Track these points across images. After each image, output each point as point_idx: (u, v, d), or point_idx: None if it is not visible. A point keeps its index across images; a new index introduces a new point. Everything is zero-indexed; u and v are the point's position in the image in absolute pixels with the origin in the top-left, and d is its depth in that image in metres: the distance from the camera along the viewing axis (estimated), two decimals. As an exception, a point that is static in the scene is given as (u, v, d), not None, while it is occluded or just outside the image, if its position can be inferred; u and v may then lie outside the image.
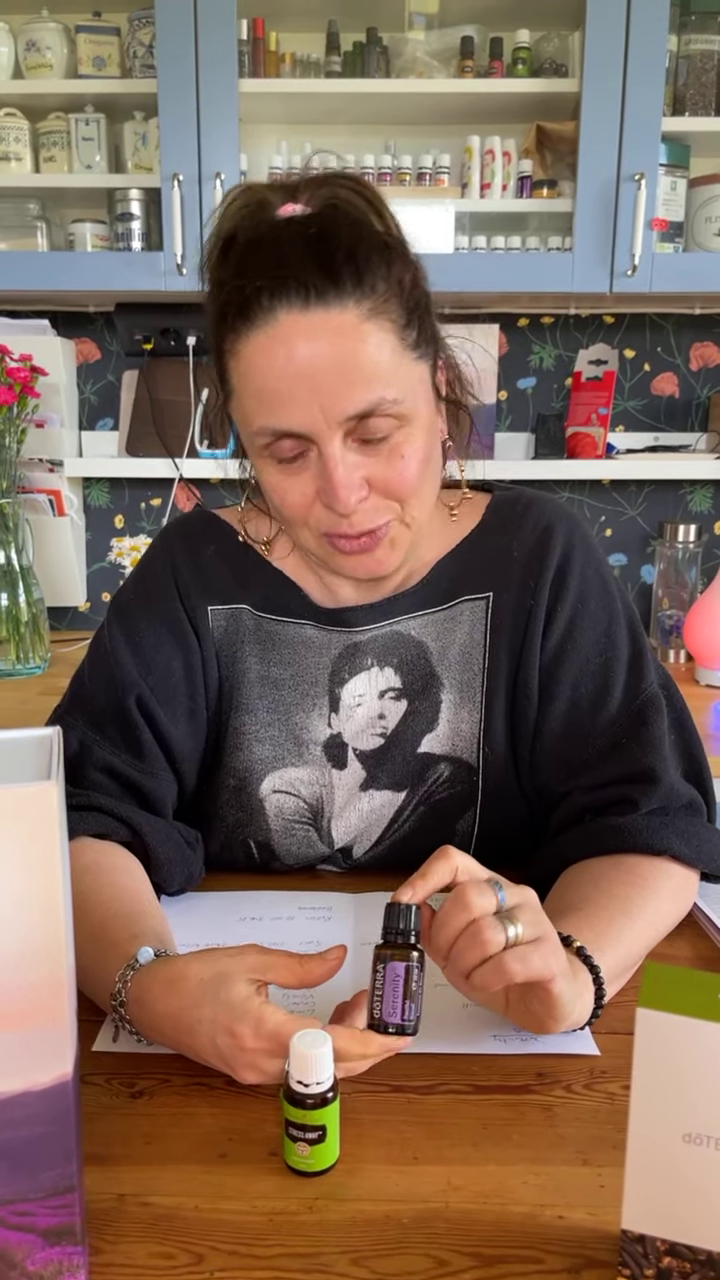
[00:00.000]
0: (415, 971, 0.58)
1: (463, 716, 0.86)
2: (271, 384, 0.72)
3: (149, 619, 0.87)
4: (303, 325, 0.70)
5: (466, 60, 1.74)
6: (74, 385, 2.01)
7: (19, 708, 1.53)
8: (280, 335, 0.70)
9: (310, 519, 0.77)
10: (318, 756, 0.87)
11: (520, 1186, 0.54)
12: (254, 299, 0.71)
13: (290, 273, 0.70)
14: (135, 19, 1.76)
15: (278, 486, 0.77)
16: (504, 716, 0.86)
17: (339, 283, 0.70)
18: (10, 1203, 0.46)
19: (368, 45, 1.76)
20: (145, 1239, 0.51)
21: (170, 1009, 0.60)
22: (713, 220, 1.75)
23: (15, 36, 1.78)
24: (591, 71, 1.63)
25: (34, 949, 0.43)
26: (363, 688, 0.87)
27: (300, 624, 0.88)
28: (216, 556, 0.89)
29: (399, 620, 0.87)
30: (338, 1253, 0.50)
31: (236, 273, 0.72)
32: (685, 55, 1.74)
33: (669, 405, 2.02)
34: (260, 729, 0.87)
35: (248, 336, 0.72)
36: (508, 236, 1.79)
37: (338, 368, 0.70)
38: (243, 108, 1.67)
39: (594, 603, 0.85)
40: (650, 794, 0.78)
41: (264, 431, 0.74)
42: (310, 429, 0.72)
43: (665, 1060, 0.45)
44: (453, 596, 0.87)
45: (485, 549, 0.87)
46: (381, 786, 0.87)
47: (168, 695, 0.86)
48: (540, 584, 0.84)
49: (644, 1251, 0.47)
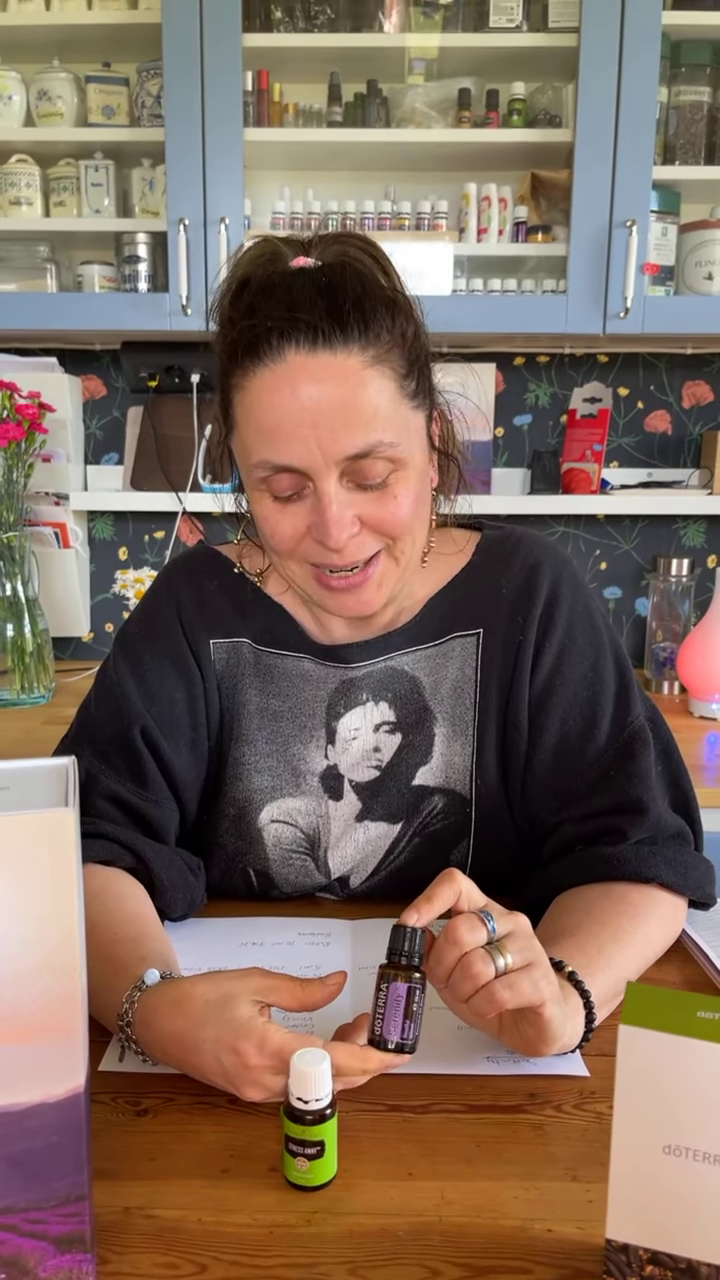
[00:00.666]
0: (417, 992, 0.61)
1: (455, 749, 0.88)
2: (274, 420, 0.74)
3: (153, 652, 0.90)
4: (309, 366, 0.73)
5: (464, 111, 1.80)
6: (80, 421, 2.05)
7: (24, 737, 1.56)
8: (286, 373, 0.74)
9: (298, 552, 0.80)
10: (314, 787, 0.89)
11: (511, 1201, 0.57)
12: (264, 338, 0.74)
13: (301, 315, 0.73)
14: (144, 70, 1.82)
15: (269, 519, 0.79)
16: (495, 749, 0.88)
17: (346, 329, 0.73)
18: (24, 1210, 0.48)
19: (368, 96, 1.82)
20: (151, 1250, 0.53)
21: (176, 1029, 0.63)
22: (703, 264, 1.80)
23: (28, 86, 1.84)
24: (584, 122, 1.68)
25: (50, 967, 0.46)
26: (358, 721, 0.89)
27: (299, 658, 0.91)
28: (218, 591, 0.92)
29: (392, 656, 0.90)
30: (335, 1263, 0.52)
31: (248, 313, 0.75)
32: (675, 106, 1.80)
33: (662, 442, 2.06)
34: (259, 760, 0.90)
35: (255, 373, 0.75)
36: (504, 279, 1.84)
37: (339, 409, 0.73)
38: (247, 155, 1.73)
39: (581, 638, 0.87)
40: (638, 824, 0.80)
41: (263, 465, 0.76)
42: (307, 465, 0.75)
43: (646, 1075, 0.47)
44: (444, 633, 0.90)
45: (475, 587, 0.90)
46: (377, 818, 0.89)
47: (171, 726, 0.88)
48: (528, 620, 0.87)
49: (628, 1260, 0.49)
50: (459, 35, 1.77)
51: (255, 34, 1.74)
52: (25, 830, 0.44)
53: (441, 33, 1.76)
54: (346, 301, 0.74)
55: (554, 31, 1.73)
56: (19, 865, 0.44)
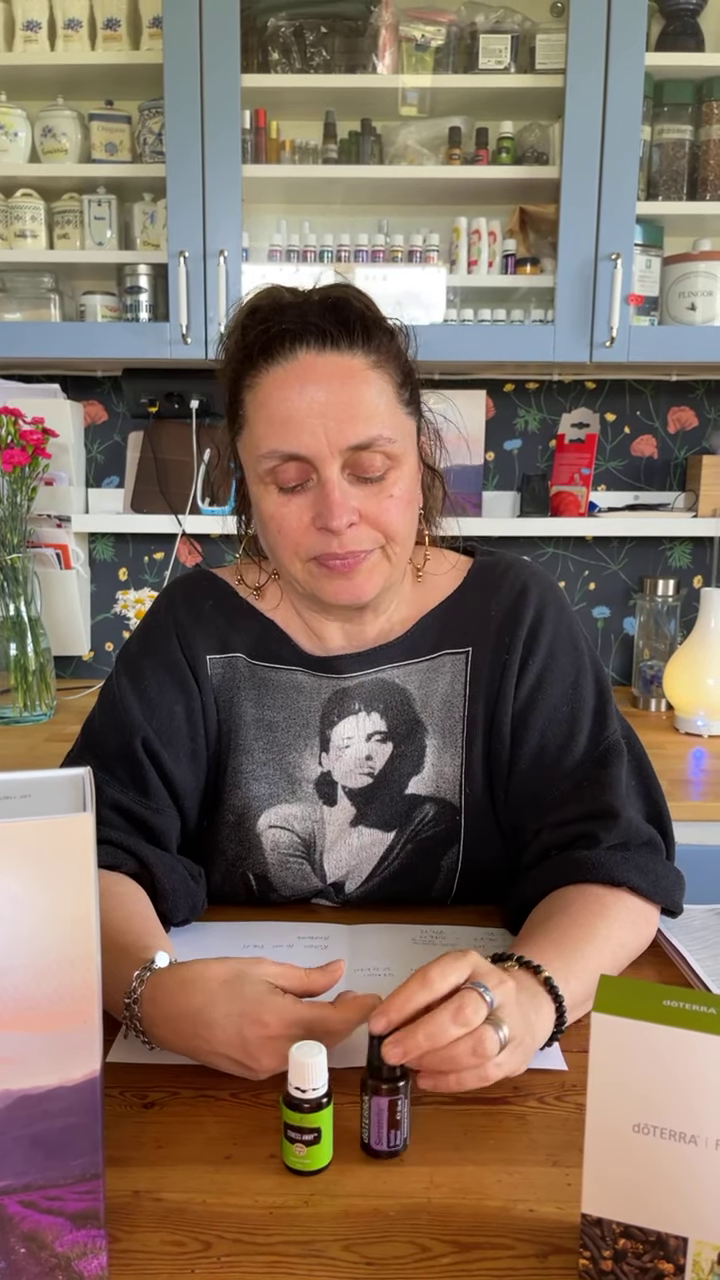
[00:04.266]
0: (399, 1103, 0.61)
1: (445, 760, 0.93)
2: (285, 411, 0.82)
3: (153, 668, 0.95)
4: (318, 364, 0.82)
5: (454, 148, 1.87)
6: (82, 445, 2.11)
7: (27, 753, 1.60)
8: (297, 370, 0.82)
9: (302, 546, 0.86)
10: (310, 794, 0.94)
11: (495, 1184, 0.60)
12: (279, 340, 0.83)
13: (312, 320, 0.83)
14: (145, 108, 1.88)
15: (276, 513, 0.85)
16: (482, 760, 0.93)
17: (351, 336, 0.83)
18: (43, 1188, 0.52)
19: (362, 134, 1.89)
20: (159, 1229, 0.57)
21: (190, 1006, 0.66)
22: (685, 295, 1.87)
23: (33, 123, 1.90)
24: (570, 159, 1.75)
25: (69, 959, 0.50)
26: (351, 730, 0.94)
27: (291, 670, 0.95)
28: (213, 610, 0.97)
29: (384, 669, 0.95)
30: (331, 1240, 0.56)
31: (264, 320, 0.85)
32: (658, 143, 1.86)
33: (648, 466, 2.12)
34: (257, 768, 0.94)
35: (268, 370, 0.83)
36: (494, 309, 1.90)
37: (344, 403, 0.82)
38: (245, 190, 1.78)
39: (564, 658, 0.92)
40: (611, 829, 0.85)
41: (272, 454, 0.83)
42: (314, 454, 0.82)
43: (617, 1060, 0.51)
44: (435, 649, 0.95)
45: (466, 608, 0.95)
46: (371, 824, 0.93)
47: (171, 737, 0.93)
48: (514, 639, 0.92)
49: (602, 1234, 0.53)
50: (450, 76, 1.83)
51: (253, 74, 1.80)
52: (47, 834, 0.49)
53: (433, 73, 1.83)
54: (351, 315, 0.84)
55: (541, 73, 1.80)
56: (41, 865, 0.49)
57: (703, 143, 1.85)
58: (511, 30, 1.81)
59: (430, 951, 0.86)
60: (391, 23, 1.82)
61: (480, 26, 1.82)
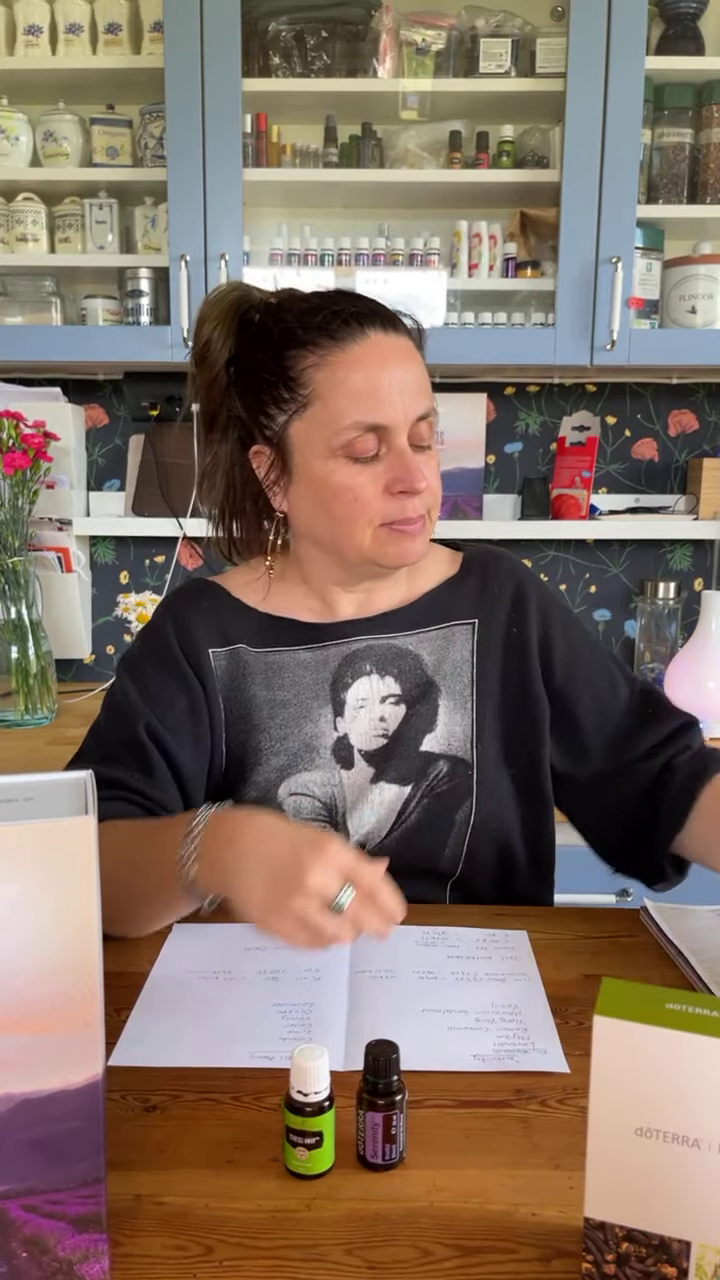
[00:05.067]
0: (395, 1118, 0.61)
1: (457, 720, 0.99)
2: (369, 385, 0.90)
3: (154, 667, 1.00)
4: (388, 344, 0.92)
5: (455, 152, 1.87)
6: (83, 448, 2.11)
7: (28, 756, 1.60)
8: (374, 348, 0.91)
9: (376, 513, 0.92)
10: (327, 760, 0.98)
11: (497, 1188, 0.60)
12: (342, 321, 0.91)
13: (371, 307, 0.93)
14: (146, 112, 1.88)
15: (352, 483, 0.91)
16: (497, 721, 1.00)
17: (399, 322, 0.95)
18: (45, 1192, 0.52)
19: (363, 138, 1.89)
20: (161, 1233, 0.57)
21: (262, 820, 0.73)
22: (686, 298, 1.87)
23: (34, 127, 1.91)
24: (571, 163, 1.75)
25: (71, 962, 0.50)
26: (365, 692, 0.99)
27: (294, 650, 1.00)
28: (209, 610, 1.02)
29: (396, 636, 1.01)
30: (333, 1244, 0.56)
31: (311, 302, 0.93)
32: (659, 147, 1.87)
33: (649, 469, 2.12)
34: (274, 744, 0.98)
35: (341, 349, 0.90)
36: (495, 312, 1.90)
37: (412, 378, 0.92)
38: (246, 194, 1.79)
39: (574, 628, 1.06)
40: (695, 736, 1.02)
41: (355, 426, 0.90)
42: (394, 423, 0.90)
43: (619, 1063, 0.51)
44: (445, 620, 1.03)
45: (469, 586, 1.05)
46: (390, 780, 0.97)
47: (173, 724, 0.97)
48: (524, 618, 1.03)
49: (604, 1238, 0.53)
50: (450, 80, 1.84)
51: (254, 79, 1.80)
52: (49, 837, 0.49)
53: (433, 77, 1.83)
54: (386, 306, 0.95)
55: (541, 76, 1.80)
56: (44, 868, 0.49)
57: (703, 146, 1.86)
58: (512, 34, 1.82)
59: (433, 953, 0.86)
60: (392, 27, 1.82)
61: (481, 30, 1.82)
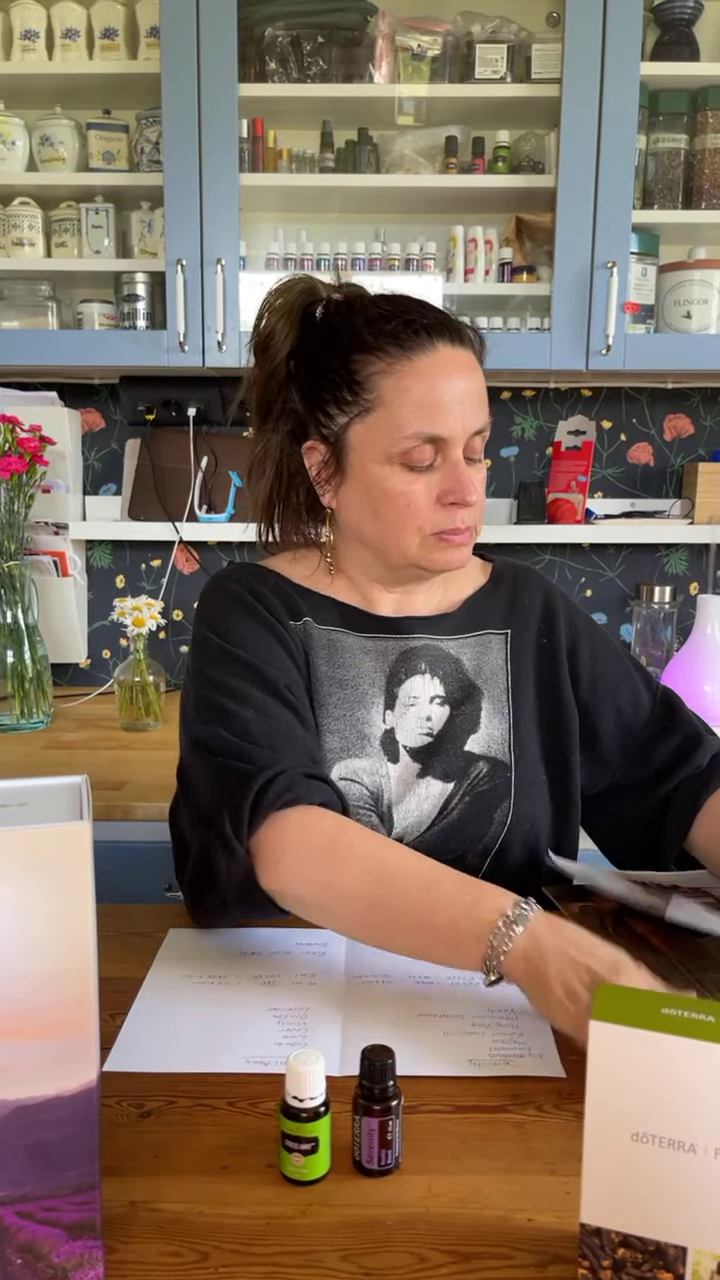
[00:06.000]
0: (390, 1123, 0.61)
1: (496, 723, 1.02)
2: (433, 396, 0.91)
3: (251, 631, 0.97)
4: (455, 357, 0.93)
5: (451, 158, 1.87)
6: (79, 453, 2.11)
7: (25, 760, 1.60)
8: (441, 360, 0.92)
9: (427, 521, 0.94)
10: (376, 749, 0.98)
11: (494, 1193, 0.60)
12: (414, 331, 0.92)
13: (440, 318, 0.94)
14: (143, 117, 1.89)
15: (406, 490, 0.93)
16: (535, 725, 1.03)
17: (465, 334, 0.96)
18: (39, 1198, 0.52)
19: (359, 143, 1.89)
20: (156, 1240, 0.57)
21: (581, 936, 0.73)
22: (681, 304, 1.87)
23: (30, 131, 1.91)
24: (566, 168, 1.76)
25: (66, 969, 0.50)
26: (417, 690, 1.01)
27: (356, 635, 1.02)
28: (273, 592, 1.01)
29: (440, 639, 1.04)
30: (329, 1250, 0.56)
31: (381, 308, 0.94)
32: (654, 153, 1.87)
33: (644, 473, 2.12)
34: (330, 722, 0.98)
35: (409, 359, 0.92)
36: (490, 317, 1.90)
37: (474, 392, 0.93)
38: (242, 199, 1.79)
39: (599, 640, 1.10)
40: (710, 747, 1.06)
41: (416, 436, 0.92)
42: (453, 435, 0.92)
43: (615, 1068, 0.51)
44: (481, 628, 1.06)
45: (499, 597, 1.08)
46: (436, 776, 0.98)
47: (296, 684, 0.97)
48: (553, 629, 1.07)
49: (601, 1244, 0.53)
50: (446, 86, 1.84)
51: (251, 84, 1.80)
52: (44, 842, 0.49)
53: (429, 83, 1.84)
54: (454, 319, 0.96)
55: (537, 82, 1.81)
56: (38, 874, 0.49)
57: (697, 152, 1.86)
58: (508, 40, 1.82)
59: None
60: (388, 32, 1.83)
61: (477, 36, 1.83)
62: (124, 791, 1.48)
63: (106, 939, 0.89)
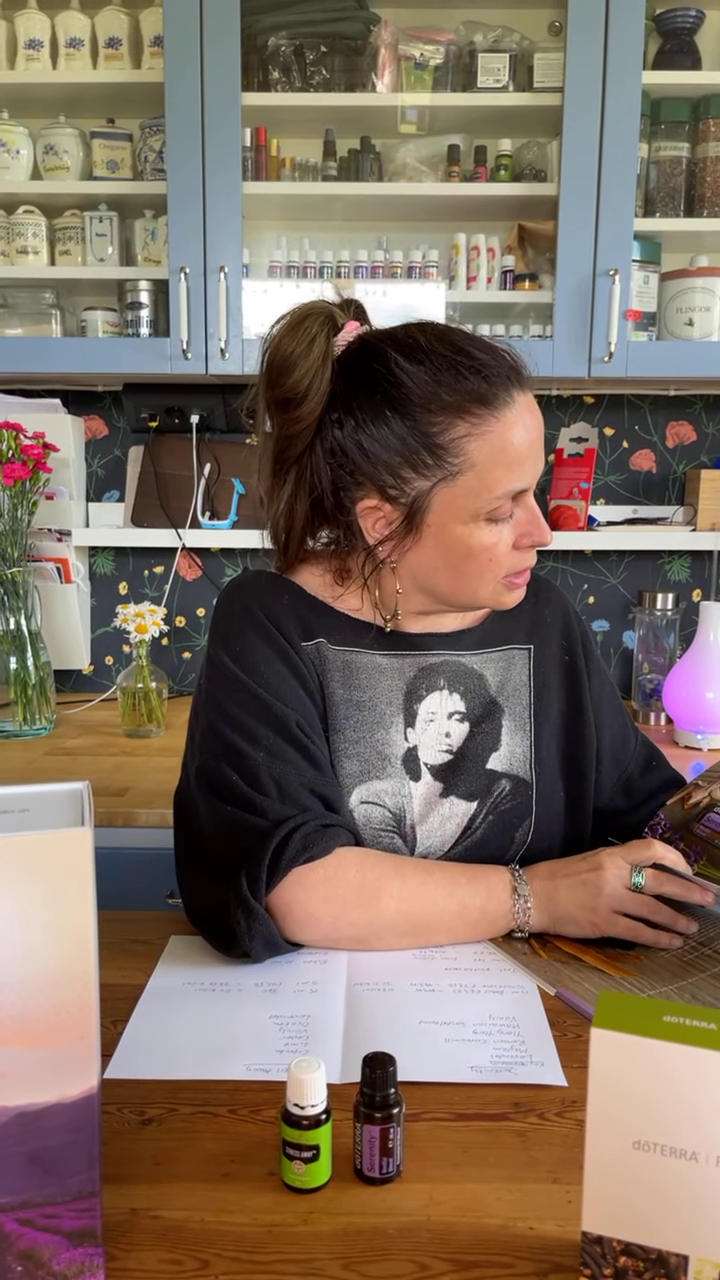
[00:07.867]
0: (392, 1131, 0.61)
1: (517, 741, 1.01)
2: (520, 451, 0.88)
3: (266, 660, 0.95)
4: (528, 404, 0.90)
5: (453, 166, 1.88)
6: (82, 459, 2.11)
7: (27, 767, 1.60)
8: (519, 411, 0.89)
9: (502, 567, 0.92)
10: (398, 769, 0.97)
11: (495, 1201, 0.60)
12: (492, 384, 0.87)
13: (510, 363, 0.90)
14: (146, 126, 1.90)
15: (492, 543, 0.91)
16: (557, 743, 1.03)
17: (527, 372, 0.91)
18: (40, 1205, 0.52)
19: (362, 151, 1.90)
20: (156, 1247, 0.56)
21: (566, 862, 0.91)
22: (683, 311, 1.88)
23: (35, 140, 1.92)
24: (568, 176, 1.76)
25: (66, 976, 0.50)
26: (435, 706, 1.00)
27: (371, 653, 0.99)
28: (289, 605, 0.98)
29: (463, 654, 1.02)
30: (330, 1259, 0.56)
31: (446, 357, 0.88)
32: (655, 161, 1.88)
33: (647, 480, 2.12)
34: (349, 746, 0.97)
35: (496, 417, 0.88)
36: (493, 325, 1.91)
37: (541, 435, 0.91)
38: (245, 207, 1.79)
39: (603, 667, 1.11)
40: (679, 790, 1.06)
41: (507, 494, 0.89)
42: (532, 483, 0.91)
43: (617, 1076, 0.51)
44: (505, 643, 1.05)
45: (523, 611, 1.06)
46: (459, 795, 0.98)
47: (308, 715, 0.94)
48: (572, 645, 1.07)
49: (602, 1252, 0.53)
50: (448, 94, 1.85)
51: (254, 93, 1.81)
52: (45, 849, 0.49)
53: (431, 92, 1.85)
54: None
55: (539, 91, 1.82)
56: (39, 881, 0.49)
57: (699, 160, 1.87)
58: (510, 49, 1.83)
59: (429, 965, 0.86)
60: (391, 42, 1.83)
61: (479, 45, 1.84)
62: (126, 798, 1.48)
63: (108, 945, 0.89)
